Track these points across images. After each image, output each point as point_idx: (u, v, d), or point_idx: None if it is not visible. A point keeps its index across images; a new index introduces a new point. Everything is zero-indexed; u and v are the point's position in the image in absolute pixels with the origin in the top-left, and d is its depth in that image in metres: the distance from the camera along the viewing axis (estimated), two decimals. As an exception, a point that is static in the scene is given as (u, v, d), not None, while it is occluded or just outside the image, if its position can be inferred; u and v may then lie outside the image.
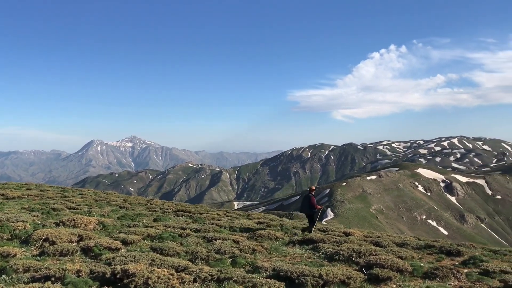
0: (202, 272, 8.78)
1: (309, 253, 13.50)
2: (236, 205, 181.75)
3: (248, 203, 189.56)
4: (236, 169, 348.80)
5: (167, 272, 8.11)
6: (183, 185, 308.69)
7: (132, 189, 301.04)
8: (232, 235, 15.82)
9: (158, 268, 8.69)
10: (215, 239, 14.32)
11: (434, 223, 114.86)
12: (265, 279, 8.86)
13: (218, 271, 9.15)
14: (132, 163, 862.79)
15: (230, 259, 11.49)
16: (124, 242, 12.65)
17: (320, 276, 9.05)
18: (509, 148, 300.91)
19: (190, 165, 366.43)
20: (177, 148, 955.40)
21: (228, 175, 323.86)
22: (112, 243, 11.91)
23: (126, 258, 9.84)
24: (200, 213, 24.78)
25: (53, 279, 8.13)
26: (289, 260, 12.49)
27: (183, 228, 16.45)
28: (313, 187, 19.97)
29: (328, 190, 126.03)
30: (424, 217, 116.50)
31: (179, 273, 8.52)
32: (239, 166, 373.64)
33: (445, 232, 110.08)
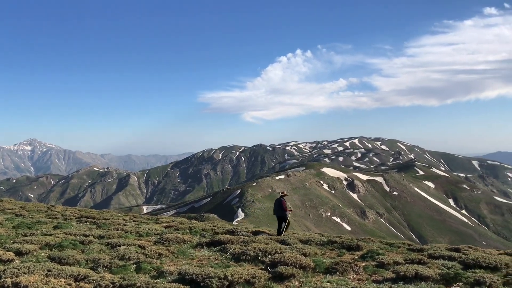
0: (103, 280, 8.44)
1: (216, 255, 13.54)
2: (145, 209, 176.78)
3: (158, 206, 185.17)
4: (145, 172, 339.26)
5: (64, 282, 7.69)
6: (88, 190, 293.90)
7: (32, 196, 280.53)
8: (138, 240, 15.38)
9: (55, 278, 8.20)
10: (120, 245, 13.82)
11: (338, 220, 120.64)
12: (169, 284, 8.73)
13: (120, 278, 8.85)
14: (32, 168, 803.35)
15: (135, 265, 11.17)
16: (18, 253, 11.76)
17: (225, 277, 9.12)
18: (404, 147, 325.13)
19: (95, 168, 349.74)
20: (81, 151, 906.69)
21: (136, 179, 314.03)
22: (3, 254, 11.01)
23: (19, 270, 9.13)
24: (105, 219, 23.77)
25: None
26: (196, 262, 12.43)
27: (85, 235, 15.67)
28: (285, 192, 21.50)
29: (239, 191, 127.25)
30: (329, 214, 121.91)
31: (78, 283, 8.12)
32: (148, 169, 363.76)
33: (348, 228, 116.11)
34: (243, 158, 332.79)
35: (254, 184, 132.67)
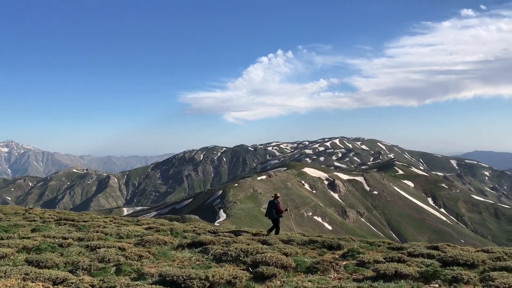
0: (82, 283, 8.32)
1: (198, 256, 13.48)
2: (125, 211, 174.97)
3: (139, 208, 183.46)
4: (125, 173, 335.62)
5: (42, 286, 7.57)
6: (67, 192, 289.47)
7: (9, 198, 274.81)
8: (118, 242, 15.22)
9: (33, 282, 8.05)
10: (100, 247, 13.66)
11: (319, 219, 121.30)
12: (150, 286, 8.67)
13: (100, 280, 8.73)
14: (9, 170, 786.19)
15: (115, 267, 11.04)
16: (-5, 257, 11.52)
17: (206, 278, 9.08)
18: (384, 147, 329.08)
19: (74, 170, 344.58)
20: (60, 153, 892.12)
21: (116, 180, 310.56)
22: (-21, 259, 10.79)
23: (-5, 274, 8.96)
24: (84, 221, 23.47)
25: None
26: (177, 264, 12.35)
27: (64, 238, 15.43)
28: (278, 194, 21.67)
29: (220, 192, 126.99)
30: (311, 213, 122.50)
31: (56, 286, 7.99)
32: (128, 171, 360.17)
33: (330, 227, 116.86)
34: (224, 159, 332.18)
35: (236, 184, 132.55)
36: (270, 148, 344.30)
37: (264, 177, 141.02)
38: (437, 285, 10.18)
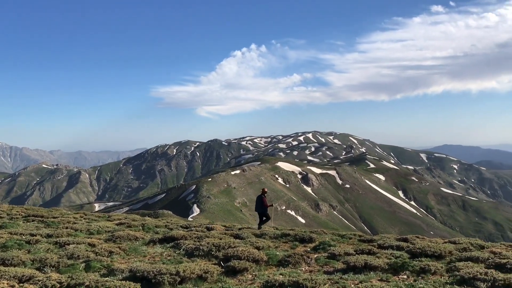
0: (49, 280, 8.13)
1: (169, 251, 13.38)
2: (97, 206, 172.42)
3: (111, 204, 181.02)
4: (96, 168, 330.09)
5: (7, 284, 7.37)
6: (36, 188, 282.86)
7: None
8: (88, 238, 14.96)
9: (-3, 280, 7.84)
10: (69, 244, 13.39)
11: (293, 213, 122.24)
12: (120, 282, 8.54)
13: (68, 277, 8.55)
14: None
15: (84, 264, 10.85)
16: (-42, 256, 11.15)
17: (177, 273, 9.03)
18: (355, 141, 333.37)
19: (44, 166, 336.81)
20: (29, 147, 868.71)
21: (87, 176, 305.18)
22: None
23: (-43, 273, 8.67)
24: (54, 217, 22.97)
25: None
26: (149, 259, 12.24)
27: (32, 235, 15.07)
28: (266, 189, 23.17)
29: (194, 187, 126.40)
30: (284, 207, 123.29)
31: (22, 284, 7.79)
32: (99, 166, 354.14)
33: (303, 221, 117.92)
34: (198, 154, 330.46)
35: (210, 179, 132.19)
36: (244, 143, 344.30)
37: (238, 171, 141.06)
38: (405, 276, 10.39)
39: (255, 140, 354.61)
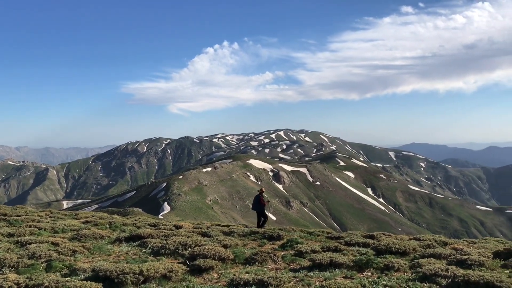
0: (6, 281, 7.88)
1: (135, 250, 13.20)
2: (65, 204, 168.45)
3: (79, 201, 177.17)
4: (64, 165, 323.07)
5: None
6: (1, 185, 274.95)
7: None
8: (52, 237, 14.60)
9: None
10: (31, 243, 13.03)
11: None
12: (81, 282, 8.35)
13: (27, 278, 8.31)
14: None
15: (46, 264, 10.58)
16: None
17: (140, 273, 8.90)
18: (326, 139, 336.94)
19: (10, 162, 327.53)
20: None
21: (55, 173, 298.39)
22: None
23: None
24: (17, 216, 22.31)
25: None
26: (113, 259, 12.03)
27: (-8, 234, 14.60)
28: (263, 189, 23.55)
29: (164, 184, 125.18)
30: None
31: (-23, 286, 7.52)
32: (68, 163, 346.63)
33: (274, 218, 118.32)
34: (169, 151, 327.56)
35: (181, 176, 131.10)
36: (215, 140, 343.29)
37: (209, 169, 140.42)
38: (369, 273, 10.54)
39: (227, 138, 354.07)
